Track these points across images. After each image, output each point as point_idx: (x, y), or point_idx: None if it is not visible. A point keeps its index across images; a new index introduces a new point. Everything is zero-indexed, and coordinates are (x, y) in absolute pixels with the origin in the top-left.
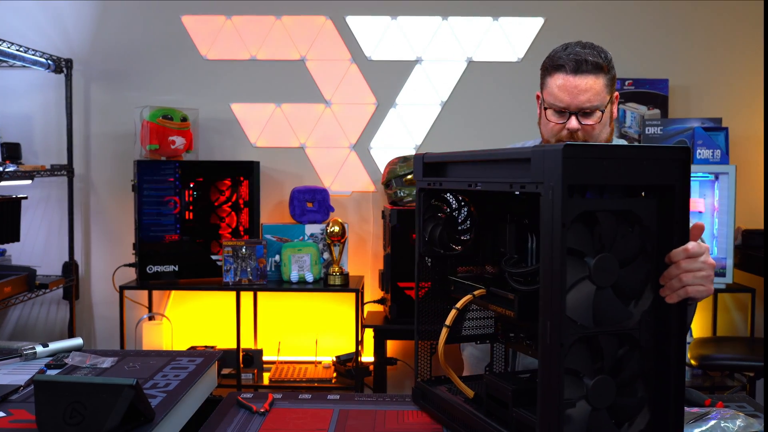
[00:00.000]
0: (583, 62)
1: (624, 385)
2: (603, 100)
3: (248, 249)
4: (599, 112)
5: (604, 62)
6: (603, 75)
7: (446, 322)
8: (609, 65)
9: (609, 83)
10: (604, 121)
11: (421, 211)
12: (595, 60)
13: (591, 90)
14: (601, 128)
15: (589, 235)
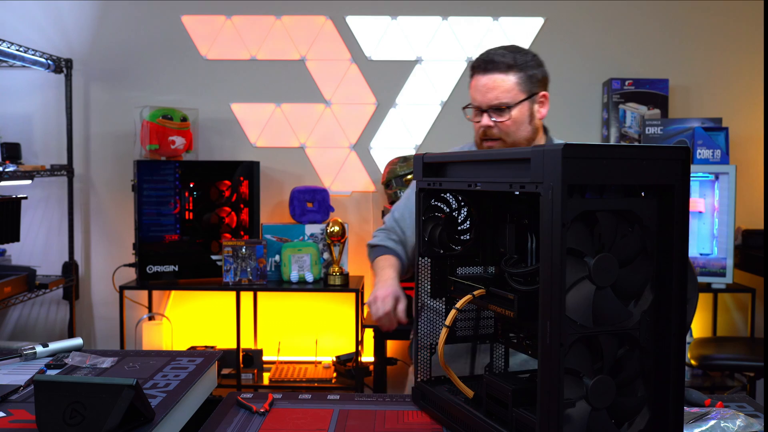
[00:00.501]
0: (490, 62)
1: (624, 384)
2: (513, 98)
3: (248, 249)
4: (509, 108)
5: (514, 61)
6: (513, 73)
7: (446, 322)
8: (523, 65)
9: (523, 82)
10: (520, 119)
11: (421, 211)
12: (504, 60)
13: (499, 88)
14: (516, 126)
15: (588, 235)
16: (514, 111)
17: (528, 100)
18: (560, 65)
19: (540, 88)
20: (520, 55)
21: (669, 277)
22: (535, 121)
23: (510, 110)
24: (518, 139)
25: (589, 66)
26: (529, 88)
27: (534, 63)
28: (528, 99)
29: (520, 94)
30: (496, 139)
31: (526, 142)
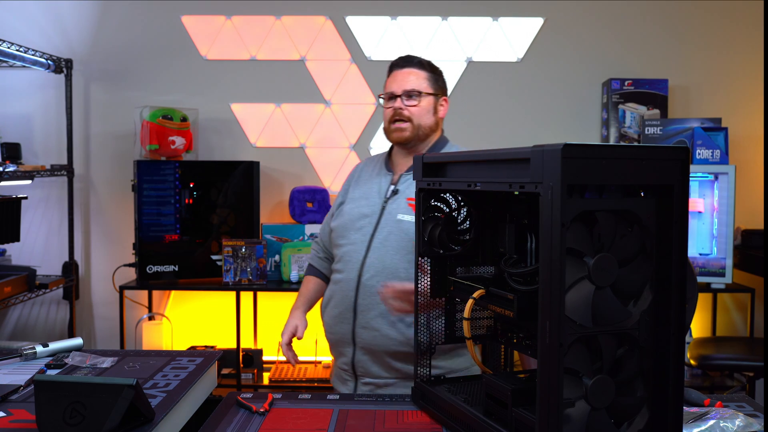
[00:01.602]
0: (409, 60)
1: (623, 384)
2: (424, 88)
3: (248, 249)
4: (420, 95)
5: (428, 64)
6: (425, 71)
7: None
8: (433, 69)
9: (432, 81)
10: (427, 107)
11: (420, 211)
12: (420, 60)
13: (414, 77)
14: (423, 111)
15: (588, 234)
16: (423, 99)
17: (434, 96)
18: (560, 65)
19: (443, 93)
20: (433, 65)
21: (668, 277)
22: (437, 116)
23: (421, 97)
24: (423, 123)
25: (588, 66)
26: (435, 88)
27: (441, 76)
28: (434, 95)
29: (429, 87)
30: (405, 120)
31: (429, 129)
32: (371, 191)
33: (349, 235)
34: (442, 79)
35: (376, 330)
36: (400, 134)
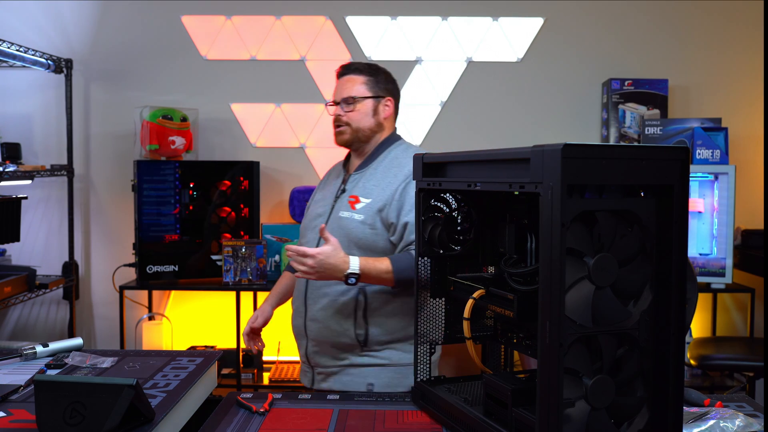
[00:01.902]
0: (348, 67)
1: (623, 384)
2: (361, 93)
3: (248, 249)
4: (354, 101)
5: (366, 68)
6: (363, 76)
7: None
8: (372, 73)
9: (371, 84)
10: (364, 112)
11: (421, 211)
12: (357, 67)
13: (350, 83)
14: (360, 116)
15: (588, 234)
16: (359, 104)
17: (373, 99)
18: (560, 65)
19: (386, 94)
20: (373, 68)
21: (668, 277)
22: (379, 117)
23: (356, 102)
24: (362, 126)
25: (588, 66)
26: (375, 91)
27: (383, 77)
28: (373, 98)
29: (366, 92)
30: (344, 125)
31: (370, 131)
32: (328, 192)
33: (307, 233)
34: (386, 80)
35: (320, 322)
36: (340, 138)
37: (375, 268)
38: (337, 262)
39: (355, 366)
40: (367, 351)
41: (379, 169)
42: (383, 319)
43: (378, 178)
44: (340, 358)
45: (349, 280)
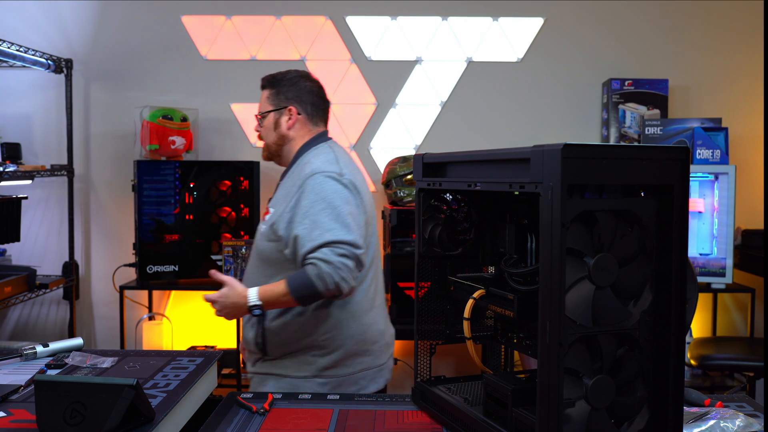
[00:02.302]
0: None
1: (623, 384)
2: (264, 108)
3: (248, 249)
4: (261, 117)
5: (271, 80)
6: (267, 89)
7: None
8: (276, 83)
9: (272, 97)
10: (268, 126)
11: (421, 211)
12: (265, 79)
13: (261, 99)
14: (266, 131)
15: (588, 234)
16: (265, 120)
17: (274, 112)
18: (560, 65)
19: (287, 104)
20: (280, 75)
21: (668, 277)
22: (281, 130)
23: (263, 119)
24: (269, 142)
25: (588, 66)
26: (276, 103)
27: (285, 86)
28: (274, 111)
29: (269, 105)
30: (263, 141)
31: (275, 146)
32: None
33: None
34: (287, 89)
35: (243, 328)
36: (262, 155)
37: (273, 294)
38: (237, 299)
39: (259, 374)
40: (268, 359)
41: (288, 180)
42: (279, 328)
43: (286, 188)
44: (252, 365)
45: (254, 312)
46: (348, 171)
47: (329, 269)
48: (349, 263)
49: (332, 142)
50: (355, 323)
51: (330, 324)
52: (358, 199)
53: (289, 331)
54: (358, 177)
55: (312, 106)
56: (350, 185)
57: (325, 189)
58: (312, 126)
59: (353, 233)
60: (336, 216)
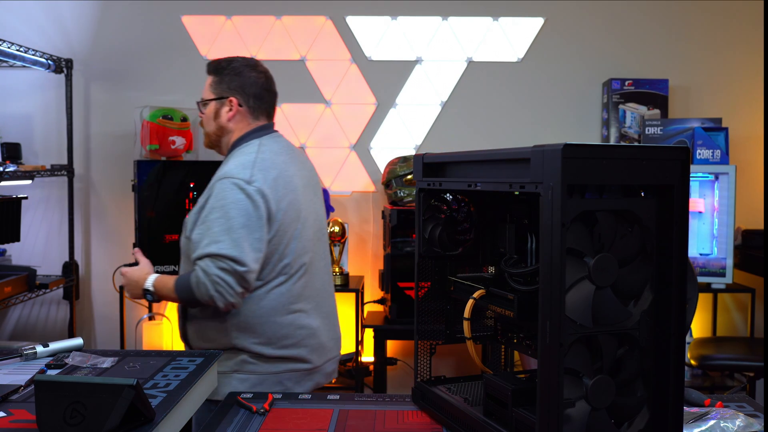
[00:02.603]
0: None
1: (623, 384)
2: (206, 95)
3: None
4: (202, 104)
5: (216, 66)
6: (211, 76)
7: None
8: (221, 70)
9: (215, 84)
10: (209, 115)
11: (421, 211)
12: (211, 65)
13: (205, 85)
14: (206, 120)
15: (588, 234)
16: (205, 107)
17: (215, 101)
18: (560, 65)
19: (229, 94)
20: (226, 62)
21: (668, 277)
22: (221, 120)
23: (204, 106)
24: (208, 131)
25: (589, 66)
26: (218, 92)
27: (229, 75)
28: (215, 100)
29: (211, 93)
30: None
31: (214, 136)
32: None
33: None
34: (230, 78)
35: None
36: (204, 141)
37: (165, 287)
38: (138, 280)
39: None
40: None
41: (215, 175)
42: (198, 325)
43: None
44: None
45: (147, 297)
46: (261, 177)
47: (206, 281)
48: (229, 279)
49: (266, 138)
50: (270, 326)
51: (242, 326)
52: (261, 210)
53: (206, 327)
54: (280, 180)
55: (255, 99)
56: (256, 194)
57: (226, 197)
58: (252, 119)
59: (240, 249)
60: (228, 228)
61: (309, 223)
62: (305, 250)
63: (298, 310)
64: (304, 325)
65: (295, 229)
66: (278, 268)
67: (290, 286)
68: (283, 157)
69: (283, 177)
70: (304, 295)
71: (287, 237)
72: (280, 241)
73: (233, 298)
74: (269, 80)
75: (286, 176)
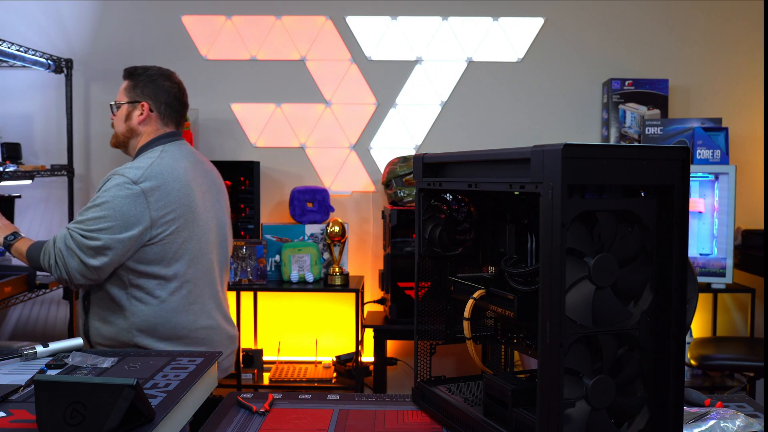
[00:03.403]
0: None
1: (623, 384)
2: (120, 98)
3: (248, 249)
4: (116, 107)
5: (131, 72)
6: (127, 80)
7: (465, 314)
8: (134, 76)
9: (129, 89)
10: (120, 117)
11: (421, 211)
12: (126, 70)
13: (119, 90)
14: (117, 121)
15: (588, 235)
16: (118, 110)
17: (128, 104)
18: (560, 65)
19: (142, 99)
20: (142, 69)
21: (669, 277)
22: (131, 123)
23: (117, 108)
24: (118, 132)
25: (589, 66)
26: (131, 96)
27: (143, 82)
28: (128, 103)
29: (124, 97)
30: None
31: (123, 137)
32: None
33: None
34: (144, 84)
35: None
36: (111, 141)
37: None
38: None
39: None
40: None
41: None
42: (98, 322)
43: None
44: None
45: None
46: (151, 181)
47: (52, 250)
48: (71, 261)
49: (170, 145)
50: (171, 325)
51: (143, 326)
52: (141, 211)
53: (108, 325)
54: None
55: (166, 106)
56: (143, 192)
57: (110, 188)
58: (161, 125)
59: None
60: (98, 218)
61: (208, 227)
62: (203, 252)
63: (198, 311)
64: (204, 325)
65: (190, 232)
66: (174, 269)
67: (190, 287)
68: (184, 164)
69: (179, 182)
70: (203, 295)
71: (180, 240)
72: (172, 242)
73: (66, 276)
74: (182, 92)
75: (182, 182)
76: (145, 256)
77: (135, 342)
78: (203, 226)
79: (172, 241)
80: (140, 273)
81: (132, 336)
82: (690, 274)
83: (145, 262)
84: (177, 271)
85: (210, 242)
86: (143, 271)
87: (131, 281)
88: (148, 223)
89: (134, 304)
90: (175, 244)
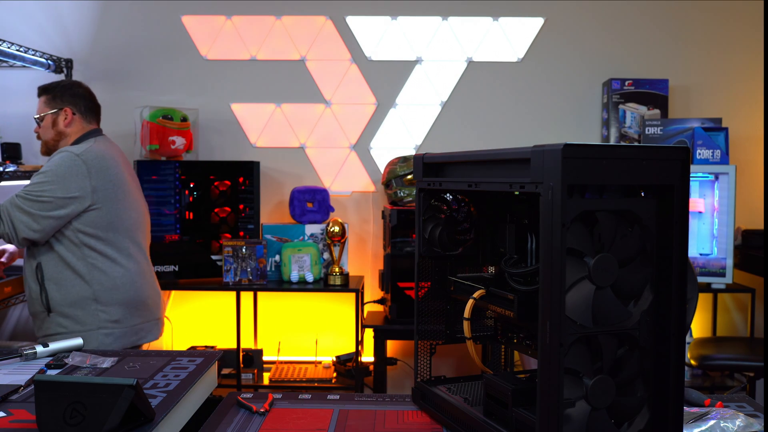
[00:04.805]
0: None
1: (623, 384)
2: (41, 111)
3: (248, 249)
4: (38, 120)
5: (47, 87)
6: (43, 96)
7: (465, 314)
8: (52, 90)
9: (48, 101)
10: (46, 126)
11: (421, 211)
12: (39, 89)
13: (38, 105)
14: (44, 131)
15: (588, 235)
16: (42, 121)
17: (51, 114)
18: (560, 65)
19: (63, 105)
20: (54, 84)
21: (669, 277)
22: (59, 127)
23: (41, 121)
24: (47, 139)
25: (589, 66)
26: (52, 105)
27: (60, 91)
28: (52, 113)
29: (45, 108)
30: (40, 140)
31: (53, 142)
32: None
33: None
34: (62, 93)
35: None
36: (41, 150)
37: None
38: None
39: (48, 335)
40: (55, 318)
41: None
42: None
43: None
44: (38, 329)
45: None
46: (91, 155)
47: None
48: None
49: (100, 138)
50: (132, 286)
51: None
52: (82, 173)
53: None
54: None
55: (85, 107)
56: (84, 162)
57: (55, 160)
58: (86, 123)
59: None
60: (44, 182)
61: (139, 205)
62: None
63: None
64: (148, 294)
65: (126, 210)
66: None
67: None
68: (112, 153)
69: (113, 161)
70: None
71: (118, 211)
72: (109, 211)
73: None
74: (92, 94)
75: (113, 165)
76: (91, 221)
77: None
78: (136, 201)
79: (110, 210)
80: (90, 235)
81: (95, 294)
82: (690, 274)
83: (92, 227)
84: (120, 245)
85: (140, 223)
86: (92, 234)
87: (82, 241)
88: (89, 189)
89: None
90: (114, 213)
